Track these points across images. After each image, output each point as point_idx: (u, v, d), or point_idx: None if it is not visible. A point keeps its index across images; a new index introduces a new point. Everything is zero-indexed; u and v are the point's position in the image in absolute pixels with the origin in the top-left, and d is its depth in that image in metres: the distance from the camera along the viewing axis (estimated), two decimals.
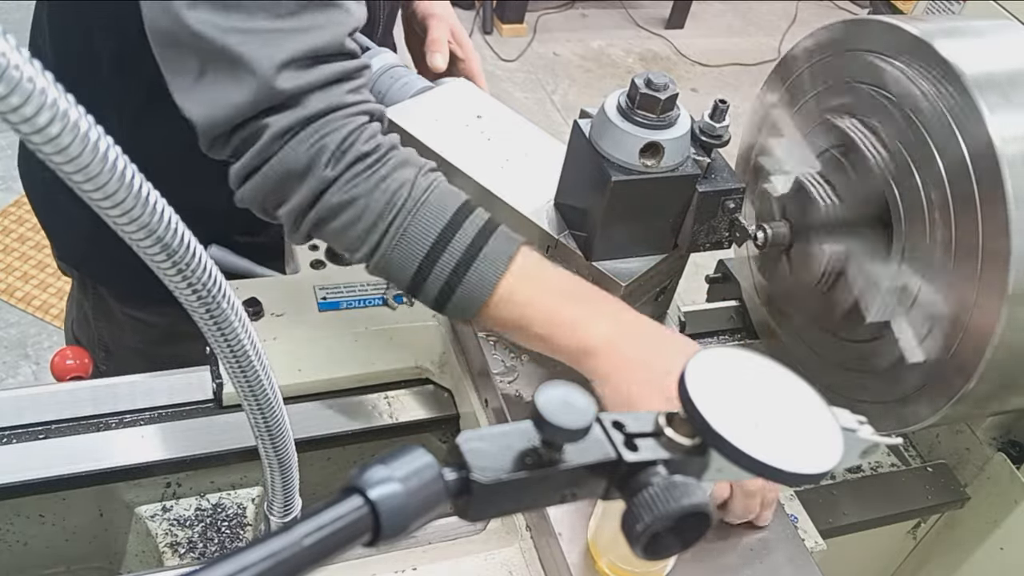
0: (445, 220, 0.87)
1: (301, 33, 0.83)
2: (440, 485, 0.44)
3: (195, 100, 0.86)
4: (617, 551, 0.81)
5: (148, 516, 0.99)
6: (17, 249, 2.83)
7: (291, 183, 0.87)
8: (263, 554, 0.40)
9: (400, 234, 0.86)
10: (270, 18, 0.82)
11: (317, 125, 0.85)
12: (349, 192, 0.86)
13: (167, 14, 0.83)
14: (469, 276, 0.87)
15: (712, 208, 0.94)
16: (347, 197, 0.86)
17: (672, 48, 4.38)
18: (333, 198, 0.86)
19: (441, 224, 0.87)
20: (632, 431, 0.49)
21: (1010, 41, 0.95)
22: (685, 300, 1.17)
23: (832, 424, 0.50)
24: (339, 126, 0.85)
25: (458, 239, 0.87)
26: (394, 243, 0.87)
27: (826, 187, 1.00)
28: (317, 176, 0.85)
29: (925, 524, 1.21)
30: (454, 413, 1.08)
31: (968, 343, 0.85)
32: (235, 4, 0.82)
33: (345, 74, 0.87)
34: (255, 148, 0.86)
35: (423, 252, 0.87)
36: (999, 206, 0.81)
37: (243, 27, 0.82)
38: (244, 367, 0.59)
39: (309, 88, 0.84)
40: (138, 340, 1.32)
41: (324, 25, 0.85)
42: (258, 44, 0.82)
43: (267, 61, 0.82)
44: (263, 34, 0.82)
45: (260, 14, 0.82)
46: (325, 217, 0.87)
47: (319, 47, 0.84)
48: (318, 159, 0.85)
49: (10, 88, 0.36)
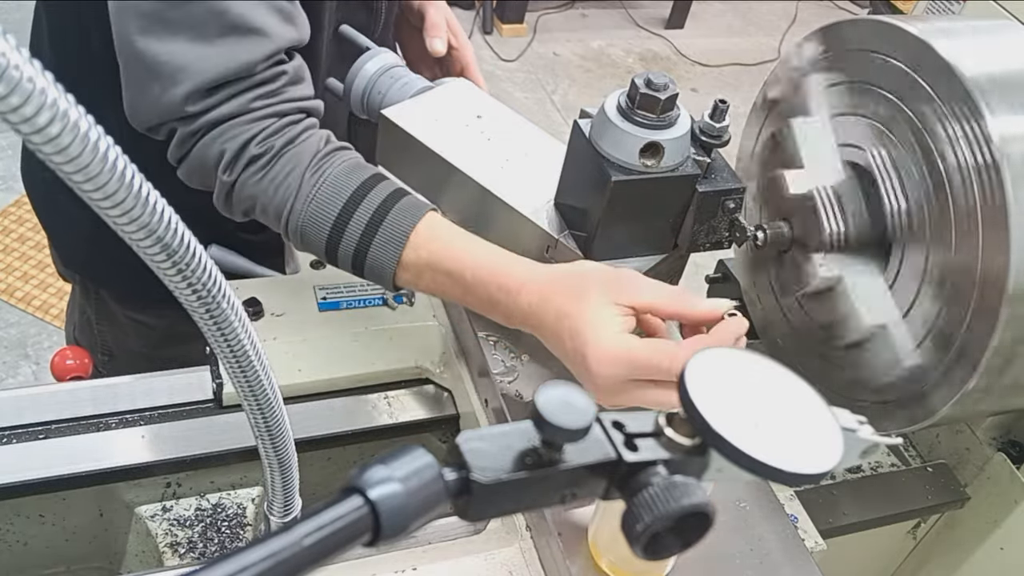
0: (336, 210, 0.91)
1: (216, 59, 0.88)
2: (440, 485, 0.44)
3: (126, 100, 0.94)
4: (617, 551, 0.81)
5: (148, 516, 0.99)
6: (17, 249, 2.83)
7: (208, 175, 0.95)
8: (263, 554, 0.40)
9: (301, 227, 0.92)
10: (191, 41, 0.88)
11: (219, 130, 0.91)
12: (250, 191, 0.93)
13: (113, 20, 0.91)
14: (370, 260, 0.91)
15: (712, 208, 0.94)
16: (249, 194, 0.93)
17: (672, 48, 4.38)
18: (241, 195, 0.94)
19: (333, 215, 0.92)
20: (632, 431, 0.49)
21: (1010, 41, 0.95)
22: None
23: (832, 424, 0.50)
24: (239, 132, 0.91)
25: (352, 226, 0.91)
26: (299, 234, 0.93)
27: (836, 210, 0.98)
28: (220, 179, 0.93)
29: (925, 524, 1.21)
30: (454, 413, 1.08)
31: (968, 343, 0.85)
32: (162, 20, 0.87)
33: (253, 85, 0.91)
34: (172, 145, 0.94)
35: (323, 241, 0.92)
36: (999, 206, 0.81)
37: (164, 47, 0.88)
38: (244, 367, 0.59)
39: (213, 106, 0.90)
40: (141, 343, 1.32)
41: (238, 53, 0.89)
42: (173, 66, 0.88)
43: (179, 87, 0.88)
44: (182, 57, 0.88)
45: (184, 35, 0.88)
46: (244, 208, 0.95)
47: (227, 74, 0.89)
48: (218, 163, 0.92)
49: (10, 88, 0.36)
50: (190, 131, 0.92)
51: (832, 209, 0.98)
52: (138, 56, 0.89)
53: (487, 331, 1.03)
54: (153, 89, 0.90)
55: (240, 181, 0.92)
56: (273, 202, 0.92)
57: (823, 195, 0.99)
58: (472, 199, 1.01)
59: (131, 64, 0.91)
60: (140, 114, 0.94)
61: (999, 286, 0.82)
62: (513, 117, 1.11)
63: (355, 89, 1.12)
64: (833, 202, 0.98)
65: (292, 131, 0.93)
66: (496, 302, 0.86)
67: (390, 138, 1.06)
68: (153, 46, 0.88)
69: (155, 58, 0.88)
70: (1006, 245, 0.80)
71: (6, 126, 0.38)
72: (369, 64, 1.12)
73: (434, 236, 0.90)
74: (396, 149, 1.06)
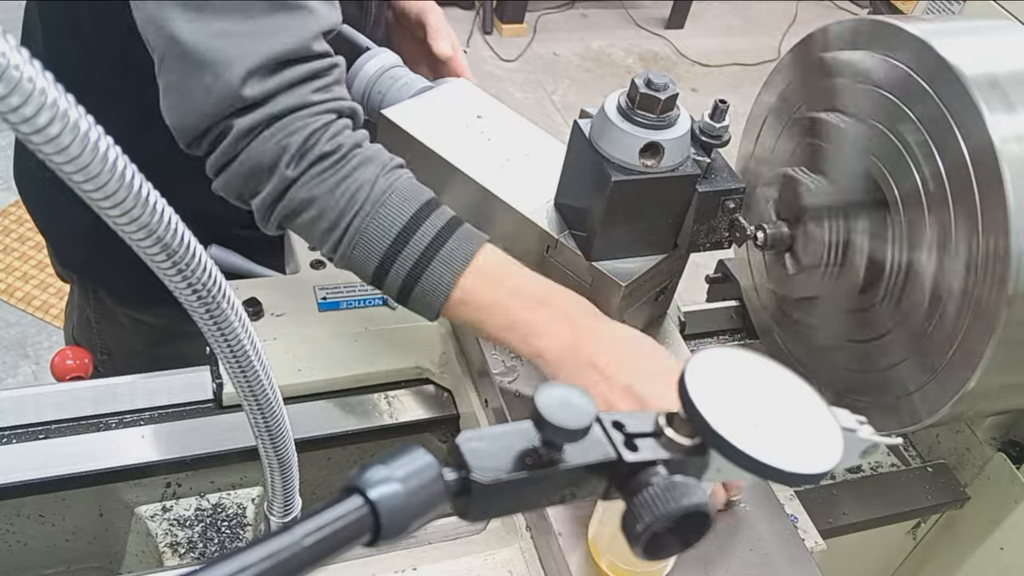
0: (404, 220, 0.88)
1: (269, 37, 0.84)
2: (440, 485, 0.44)
3: (168, 106, 0.88)
4: (617, 551, 0.81)
5: (148, 516, 0.99)
6: (17, 249, 2.83)
7: (259, 177, 0.89)
8: (263, 554, 0.40)
9: (359, 233, 0.88)
10: (241, 20, 0.83)
11: (281, 124, 0.86)
12: (311, 191, 0.87)
13: (148, 20, 0.86)
14: (427, 276, 0.88)
15: (712, 208, 0.94)
16: (308, 196, 0.88)
17: (672, 48, 4.38)
18: (296, 196, 0.88)
19: (400, 224, 0.88)
20: (632, 431, 0.49)
21: (1010, 41, 0.95)
22: (685, 300, 1.16)
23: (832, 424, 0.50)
24: (302, 125, 0.86)
25: (416, 239, 0.88)
26: (354, 242, 0.88)
27: (812, 174, 1.01)
28: (280, 175, 0.87)
29: (925, 524, 1.21)
30: (454, 413, 1.08)
31: (968, 343, 0.85)
32: (208, 4, 0.83)
33: (311, 74, 0.88)
34: (223, 145, 0.88)
35: (381, 252, 0.88)
36: (999, 206, 0.81)
37: (213, 30, 0.83)
38: (244, 367, 0.59)
39: (274, 92, 0.86)
40: (140, 342, 1.32)
41: (291, 27, 0.86)
42: (226, 48, 0.83)
43: (234, 68, 0.83)
44: (233, 38, 0.83)
45: (232, 16, 0.83)
46: (290, 214, 0.90)
47: (286, 52, 0.85)
48: (281, 158, 0.87)
49: (10, 88, 0.36)
50: (248, 126, 0.86)
51: (807, 173, 1.01)
52: (186, 48, 0.83)
53: None
54: (204, 79, 0.84)
55: (304, 178, 0.87)
56: (339, 204, 0.87)
57: (795, 170, 1.02)
58: (472, 199, 1.01)
59: (178, 60, 0.85)
60: (188, 117, 0.87)
61: (999, 287, 0.81)
62: (513, 117, 1.11)
63: (355, 89, 1.12)
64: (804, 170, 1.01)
65: (358, 134, 0.90)
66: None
67: (390, 138, 1.06)
68: (201, 33, 0.83)
69: (206, 44, 0.83)
70: (1006, 245, 0.80)
71: (6, 126, 0.38)
72: (369, 64, 1.12)
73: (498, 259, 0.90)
74: (396, 149, 1.06)
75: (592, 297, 0.96)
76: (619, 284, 0.94)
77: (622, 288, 0.94)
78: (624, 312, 0.98)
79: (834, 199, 0.99)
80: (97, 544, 1.04)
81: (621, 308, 0.96)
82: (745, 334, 1.24)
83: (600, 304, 0.96)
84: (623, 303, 0.96)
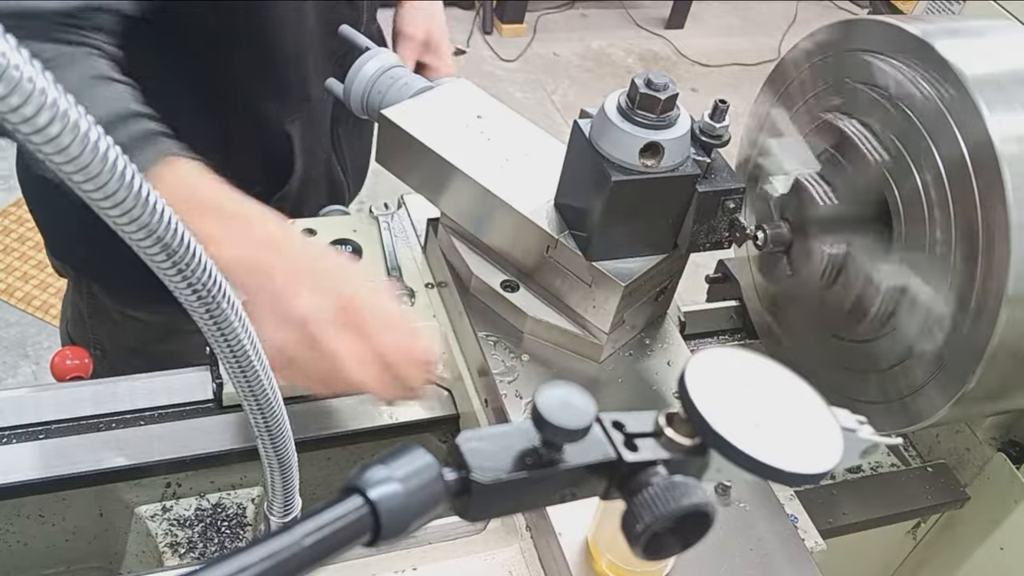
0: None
1: None
2: (440, 485, 0.44)
3: None
4: (617, 551, 0.81)
5: (148, 516, 0.99)
6: (17, 249, 2.83)
7: None
8: (263, 554, 0.40)
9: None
10: None
11: None
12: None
13: None
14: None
15: (712, 208, 0.94)
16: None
17: (672, 48, 4.38)
18: None
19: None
20: (632, 431, 0.49)
21: (1010, 41, 0.95)
22: (685, 300, 1.16)
23: (832, 424, 0.50)
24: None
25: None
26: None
27: (825, 186, 1.00)
28: None
29: (925, 524, 1.21)
30: (454, 413, 1.08)
31: (968, 343, 0.85)
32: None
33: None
34: None
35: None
36: (999, 206, 0.81)
37: None
38: (244, 367, 0.59)
39: None
40: (134, 339, 1.32)
41: None
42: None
43: None
44: None
45: None
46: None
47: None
48: None
49: (10, 88, 0.36)
50: None
51: (820, 185, 1.00)
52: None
53: (487, 331, 1.03)
54: None
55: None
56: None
57: (809, 177, 1.01)
58: (472, 199, 1.01)
59: None
60: None
61: (999, 287, 0.81)
62: (513, 117, 1.11)
63: (355, 89, 1.12)
64: (818, 179, 1.01)
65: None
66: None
67: (390, 138, 1.06)
68: None
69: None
70: (1006, 246, 0.80)
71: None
72: (369, 64, 1.12)
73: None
74: (396, 149, 1.06)
75: (592, 297, 0.96)
76: (619, 284, 0.94)
77: (622, 288, 0.94)
78: (624, 312, 0.98)
79: (840, 221, 0.99)
80: (97, 544, 1.04)
81: (621, 308, 0.96)
82: (745, 334, 1.24)
83: (600, 303, 0.96)
84: (623, 303, 0.96)
